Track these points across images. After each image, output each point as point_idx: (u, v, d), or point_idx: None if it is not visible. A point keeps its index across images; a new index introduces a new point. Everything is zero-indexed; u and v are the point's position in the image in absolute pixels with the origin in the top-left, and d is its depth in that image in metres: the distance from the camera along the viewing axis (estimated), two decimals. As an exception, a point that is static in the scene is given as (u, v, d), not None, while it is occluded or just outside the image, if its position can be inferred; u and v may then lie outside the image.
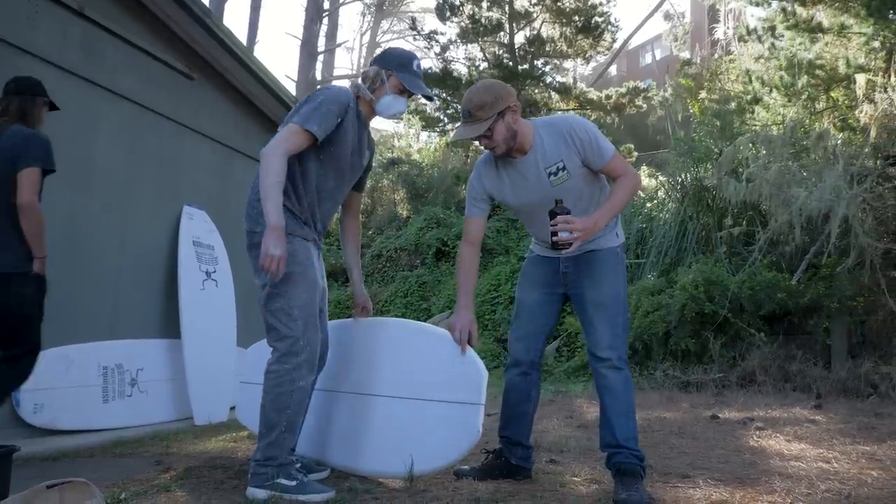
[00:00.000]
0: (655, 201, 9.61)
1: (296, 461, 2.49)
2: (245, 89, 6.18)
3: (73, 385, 4.15)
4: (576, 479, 2.59)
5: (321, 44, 23.15)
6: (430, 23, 32.87)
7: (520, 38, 15.81)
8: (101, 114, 4.63)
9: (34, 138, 2.96)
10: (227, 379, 5.10)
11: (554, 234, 2.27)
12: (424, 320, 9.93)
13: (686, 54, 22.07)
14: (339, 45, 25.60)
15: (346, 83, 2.74)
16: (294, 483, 2.35)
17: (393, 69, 2.61)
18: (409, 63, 2.65)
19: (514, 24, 15.56)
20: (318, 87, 2.67)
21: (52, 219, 4.18)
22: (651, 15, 40.36)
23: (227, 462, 3.10)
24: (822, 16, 8.13)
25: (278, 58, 42.28)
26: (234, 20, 72.19)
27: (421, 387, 2.57)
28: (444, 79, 15.25)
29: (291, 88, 15.78)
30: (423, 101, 16.63)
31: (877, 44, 7.52)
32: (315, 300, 2.51)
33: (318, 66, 24.12)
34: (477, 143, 2.48)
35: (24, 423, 3.97)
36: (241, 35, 21.27)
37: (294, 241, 2.49)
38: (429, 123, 16.24)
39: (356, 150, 2.65)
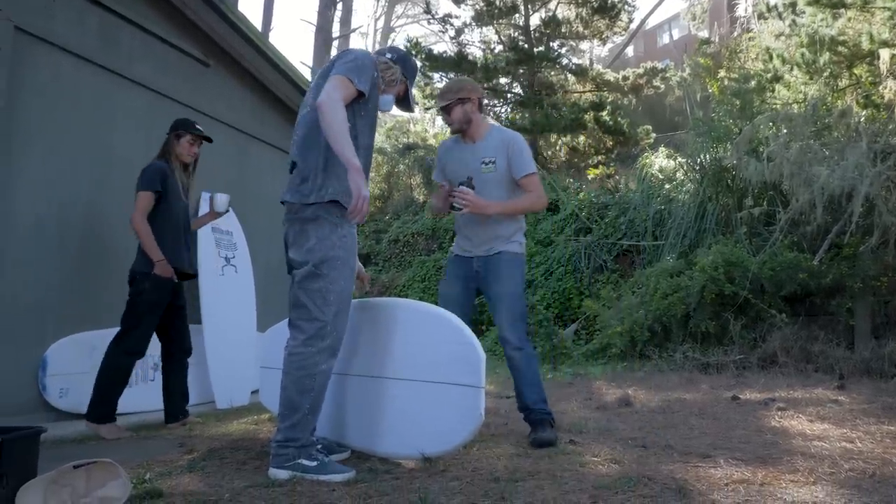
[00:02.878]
0: (674, 182, 9.52)
1: (316, 442, 2.51)
2: (261, 76, 6.19)
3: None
4: (595, 458, 2.59)
5: (336, 29, 23.05)
6: (445, 6, 32.78)
7: (535, 20, 15.64)
8: (118, 101, 4.66)
9: (146, 169, 3.83)
10: (248, 363, 5.15)
11: (452, 196, 3.02)
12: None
13: (704, 33, 21.73)
14: (354, 30, 25.45)
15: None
16: (315, 463, 2.37)
17: (408, 78, 2.81)
18: (415, 78, 2.89)
19: (529, 6, 15.39)
20: (348, 49, 2.79)
21: (72, 207, 4.24)
22: (668, -6, 39.74)
23: (249, 444, 3.13)
24: (845, -10, 7.96)
25: (293, 44, 42.28)
26: (249, 6, 72.16)
27: (423, 368, 2.57)
28: (460, 62, 15.14)
29: (307, 75, 15.78)
30: (438, 85, 16.58)
31: (901, 18, 7.35)
32: (351, 289, 2.54)
33: (333, 51, 24.07)
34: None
35: (50, 406, 4.04)
36: (256, 21, 21.29)
37: (345, 225, 2.50)
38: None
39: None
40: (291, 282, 2.64)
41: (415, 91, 16.21)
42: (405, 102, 2.84)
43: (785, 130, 7.13)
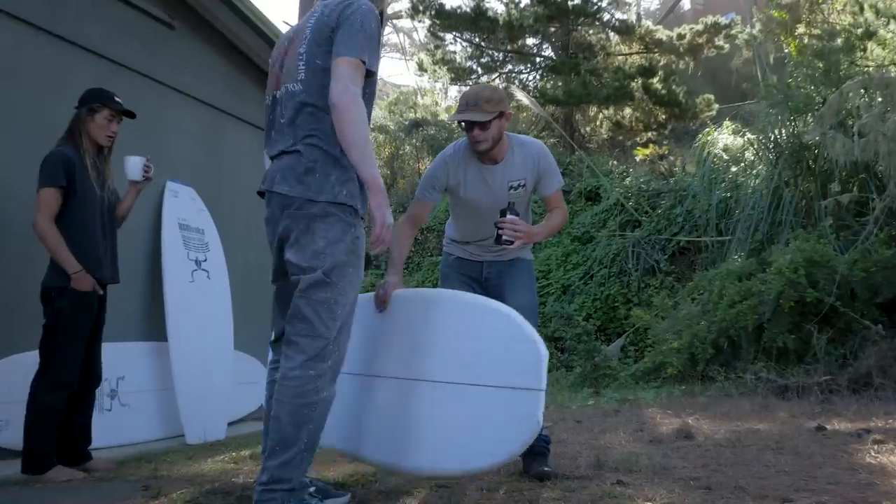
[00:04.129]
0: (742, 164, 9.46)
1: (309, 484, 2.52)
2: (237, 40, 6.23)
3: (43, 397, 4.25)
4: (649, 503, 2.58)
5: (326, -19, 23.08)
6: (459, -49, 32.71)
7: (570, -33, 15.63)
8: (65, 71, 4.70)
9: (45, 159, 3.70)
10: (224, 388, 5.19)
11: (501, 228, 3.08)
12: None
13: (779, -20, 21.56)
14: (348, -18, 25.47)
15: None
16: (308, 510, 2.38)
17: None
18: None
19: (562, -50, 15.39)
20: (350, 5, 2.70)
21: (11, 200, 4.28)
22: (733, -68, 39.52)
23: (227, 487, 3.15)
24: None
25: (275, 0, 42.45)
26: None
27: (470, 370, 2.67)
28: (477, 20, 15.16)
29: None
30: (450, 48, 16.58)
31: None
32: (357, 300, 2.57)
33: (323, 8, 24.08)
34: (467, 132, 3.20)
35: (-13, 443, 4.08)
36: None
37: (358, 226, 2.54)
38: (458, 75, 16.16)
39: None
40: (279, 290, 2.66)
41: (423, 56, 16.34)
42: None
43: (880, 99, 7.07)
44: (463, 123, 3.21)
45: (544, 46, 16.56)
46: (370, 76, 2.53)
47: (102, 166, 3.92)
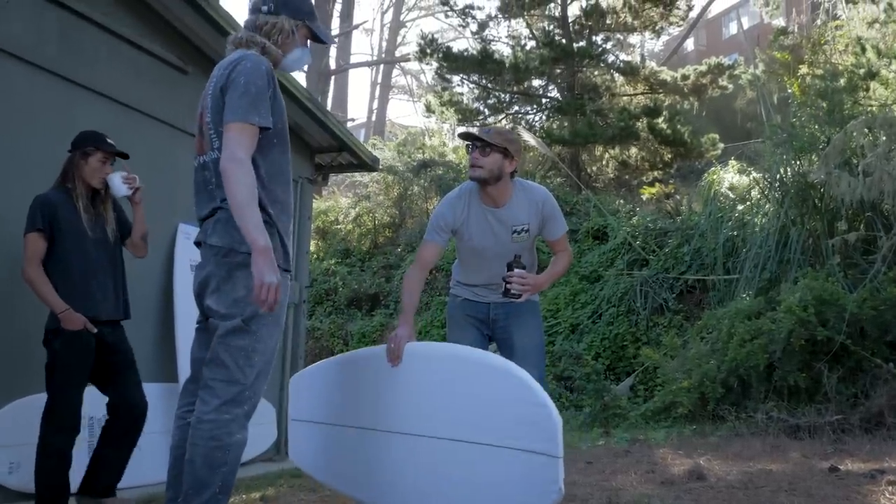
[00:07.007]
0: (749, 203, 9.48)
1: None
2: (248, 83, 6.29)
3: (53, 439, 4.23)
4: (663, 547, 2.55)
5: (335, 25, 23.52)
6: (465, -4, 33.18)
7: (574, 10, 15.80)
8: (79, 115, 4.75)
9: (31, 204, 3.72)
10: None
11: (508, 282, 3.17)
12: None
13: (780, 21, 21.80)
14: (357, 26, 25.93)
15: (364, 70, 2.90)
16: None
17: (304, 17, 2.82)
18: (313, 9, 2.91)
19: (566, -7, 15.61)
20: (235, 67, 2.73)
21: (17, 240, 4.30)
22: (735, -25, 39.97)
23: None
24: (952, -33, 7.98)
25: (284, 45, 43.03)
26: (234, 2, 73.74)
27: (485, 429, 2.67)
28: (484, 62, 15.31)
29: (301, 80, 16.04)
30: (458, 90, 16.73)
31: None
32: (277, 346, 2.62)
33: (332, 51, 24.47)
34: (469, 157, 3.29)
35: (-3, 485, 4.06)
36: (242, 19, 21.73)
37: (282, 279, 2.55)
38: (466, 116, 16.29)
39: None
40: (199, 333, 2.72)
41: (431, 97, 16.50)
42: (318, 40, 2.93)
43: (884, 138, 7.09)
44: (468, 146, 3.29)
45: (550, 87, 16.70)
46: (267, 129, 2.57)
47: (99, 208, 3.91)
